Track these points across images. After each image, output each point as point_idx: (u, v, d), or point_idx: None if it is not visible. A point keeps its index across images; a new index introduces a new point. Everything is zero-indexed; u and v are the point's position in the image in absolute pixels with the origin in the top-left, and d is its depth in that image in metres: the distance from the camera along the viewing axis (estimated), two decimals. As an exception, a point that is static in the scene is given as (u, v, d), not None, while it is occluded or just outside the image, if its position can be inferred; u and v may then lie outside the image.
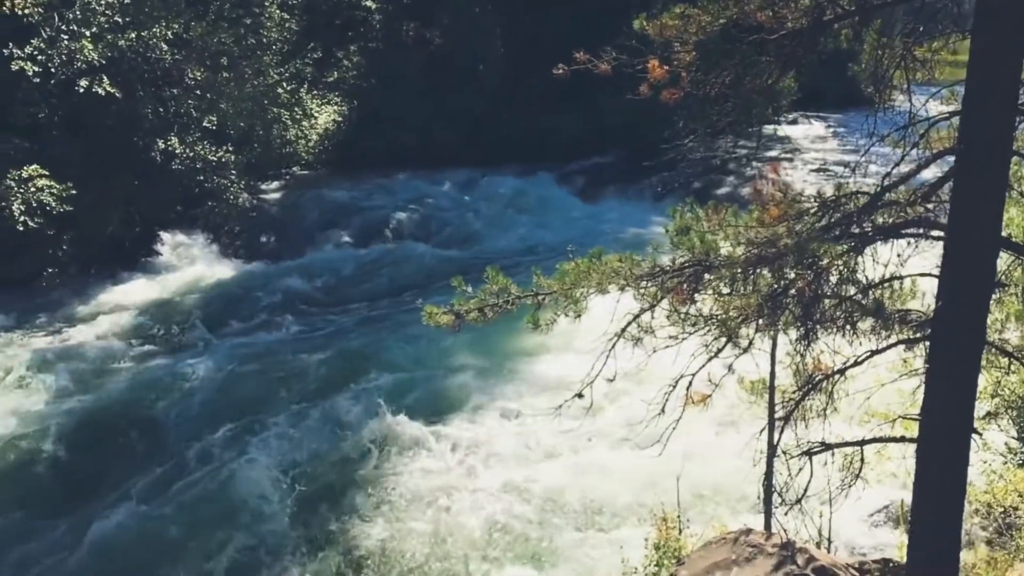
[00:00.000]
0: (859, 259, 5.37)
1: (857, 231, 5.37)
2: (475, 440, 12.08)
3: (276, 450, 12.04)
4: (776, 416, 6.85)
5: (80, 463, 12.31)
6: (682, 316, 5.20)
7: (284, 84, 22.93)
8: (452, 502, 10.75)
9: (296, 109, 23.91)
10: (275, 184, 24.34)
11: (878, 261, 5.59)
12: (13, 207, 16.59)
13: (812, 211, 5.36)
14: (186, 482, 11.53)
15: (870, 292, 5.68)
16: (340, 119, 26.28)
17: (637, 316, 5.41)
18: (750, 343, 5.26)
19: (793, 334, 5.89)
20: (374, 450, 11.87)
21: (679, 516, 8.30)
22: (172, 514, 10.92)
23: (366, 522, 10.56)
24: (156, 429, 12.95)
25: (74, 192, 17.04)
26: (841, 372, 5.68)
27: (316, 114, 25.49)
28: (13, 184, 16.92)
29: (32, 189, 16.78)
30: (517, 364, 14.20)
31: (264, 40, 21.85)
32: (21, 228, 16.83)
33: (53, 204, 17.03)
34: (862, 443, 6.21)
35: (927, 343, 5.66)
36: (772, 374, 7.34)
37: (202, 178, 20.70)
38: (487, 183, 24.56)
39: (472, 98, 26.52)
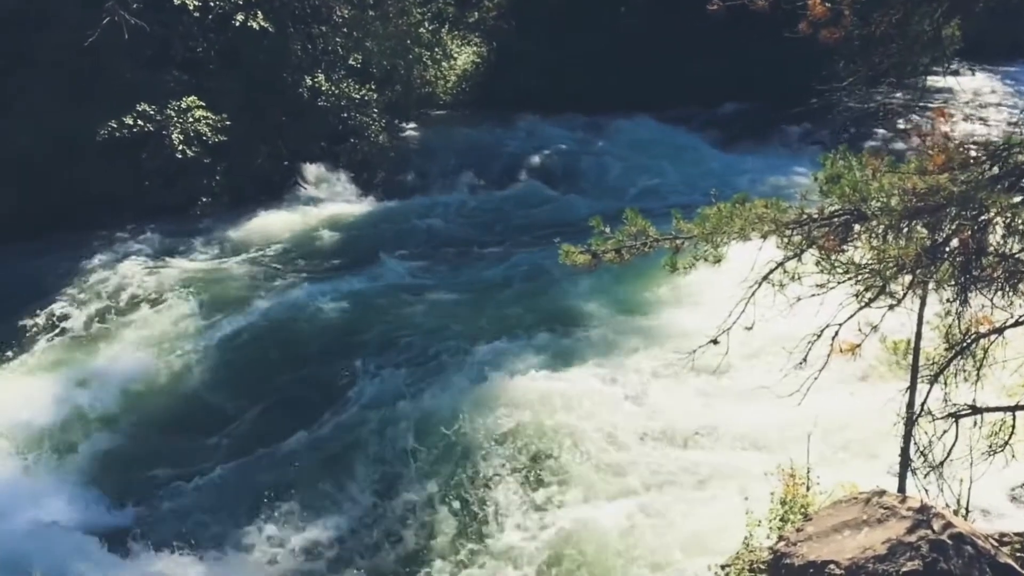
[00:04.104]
0: (1029, 213, 5.05)
1: (1028, 184, 5.04)
2: (600, 387, 12.08)
3: (399, 389, 12.28)
4: (920, 377, 6.59)
5: (216, 384, 13.01)
6: (832, 264, 5.04)
7: (426, 24, 23.17)
8: (576, 446, 10.81)
9: (436, 49, 24.14)
10: (413, 124, 24.74)
11: (1049, 217, 5.22)
12: (173, 136, 17.58)
13: (979, 160, 5.06)
14: (309, 417, 11.96)
15: (1036, 250, 5.34)
16: (478, 60, 26.37)
17: (782, 263, 5.29)
18: (904, 295, 5.05)
19: (946, 293, 5.62)
20: (499, 392, 11.92)
21: (808, 473, 8.13)
22: (291, 450, 11.38)
23: (486, 461, 10.73)
24: (289, 357, 13.51)
25: (228, 123, 17.86)
26: (999, 331, 5.38)
27: (455, 55, 25.67)
28: (173, 114, 17.92)
29: (190, 119, 17.69)
30: (647, 313, 14.10)
31: (408, -22, 22.12)
32: (179, 156, 17.84)
33: (208, 134, 17.92)
34: (1015, 408, 5.90)
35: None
36: (918, 334, 7.04)
37: (345, 115, 21.27)
38: (623, 128, 24.18)
39: (612, 42, 26.05)
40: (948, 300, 5.54)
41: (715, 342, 5.90)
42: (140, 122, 17.93)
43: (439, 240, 18.38)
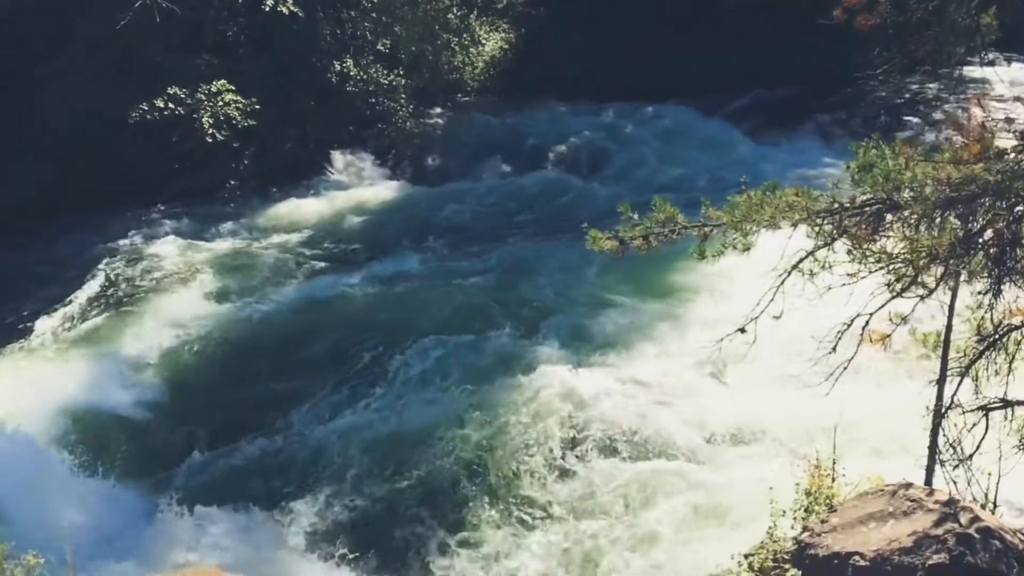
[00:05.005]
0: (1067, 203, 4.97)
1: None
2: (624, 377, 12.03)
3: (418, 376, 12.23)
4: (949, 370, 6.53)
5: (239, 366, 13.11)
6: (863, 253, 5.00)
7: (455, 9, 23.13)
8: (603, 438, 10.71)
9: (465, 35, 24.08)
10: (439, 110, 24.71)
11: (1087, 210, 5.15)
12: (203, 119, 17.72)
13: (1016, 149, 4.99)
14: (330, 403, 11.98)
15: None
16: (507, 47, 26.29)
17: (812, 252, 5.26)
18: (936, 286, 5.00)
19: (978, 284, 5.56)
20: (519, 383, 11.78)
21: (834, 464, 8.08)
22: (312, 433, 11.35)
23: (510, 456, 10.53)
24: (313, 342, 13.55)
25: (257, 107, 17.96)
26: (1033, 324, 5.32)
27: (484, 41, 25.61)
28: (203, 97, 18.06)
29: (220, 103, 17.82)
30: (671, 304, 14.01)
31: (437, -37, 22.06)
32: (209, 140, 17.97)
33: (238, 118, 18.03)
34: (1048, 402, 5.83)
35: None
36: (948, 327, 6.97)
37: (373, 101, 21.32)
38: (651, 117, 24.01)
39: (640, 29, 25.87)
40: (980, 292, 5.49)
41: (742, 331, 5.87)
42: (171, 105, 18.08)
43: (461, 226, 18.32)
